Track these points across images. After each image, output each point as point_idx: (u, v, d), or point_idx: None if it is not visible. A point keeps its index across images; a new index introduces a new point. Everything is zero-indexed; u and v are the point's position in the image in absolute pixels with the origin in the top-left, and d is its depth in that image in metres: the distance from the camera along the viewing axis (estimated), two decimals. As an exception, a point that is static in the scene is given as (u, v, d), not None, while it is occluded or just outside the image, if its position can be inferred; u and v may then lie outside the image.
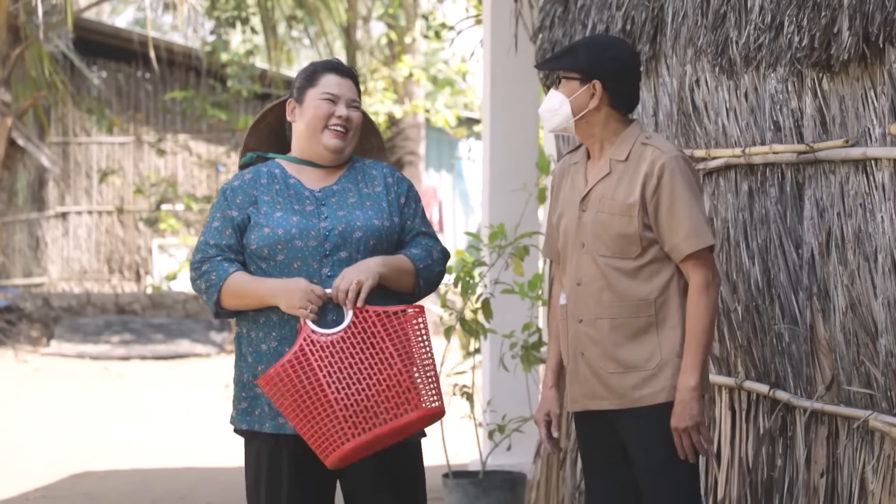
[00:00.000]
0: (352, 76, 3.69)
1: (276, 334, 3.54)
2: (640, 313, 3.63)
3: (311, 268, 3.52)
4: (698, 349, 3.58)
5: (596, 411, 3.71)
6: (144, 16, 19.10)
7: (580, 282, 3.70)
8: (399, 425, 3.37)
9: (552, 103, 3.73)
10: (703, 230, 3.60)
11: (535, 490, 5.63)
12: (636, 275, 3.64)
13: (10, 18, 13.24)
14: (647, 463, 3.64)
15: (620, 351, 3.64)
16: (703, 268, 3.60)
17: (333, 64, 3.71)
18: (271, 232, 3.53)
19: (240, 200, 3.62)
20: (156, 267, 19.64)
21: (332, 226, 3.54)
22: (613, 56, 3.68)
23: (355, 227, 3.55)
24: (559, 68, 3.74)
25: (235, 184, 3.66)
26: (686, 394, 3.56)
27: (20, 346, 15.52)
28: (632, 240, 3.63)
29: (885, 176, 3.70)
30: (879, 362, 3.72)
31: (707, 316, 3.59)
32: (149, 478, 7.99)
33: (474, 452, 6.34)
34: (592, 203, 3.69)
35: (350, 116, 3.64)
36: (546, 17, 5.61)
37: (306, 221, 3.55)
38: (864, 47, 3.73)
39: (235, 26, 16.39)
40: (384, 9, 17.35)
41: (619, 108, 3.69)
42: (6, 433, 9.82)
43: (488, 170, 6.90)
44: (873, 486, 3.76)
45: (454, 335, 6.00)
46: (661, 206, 3.60)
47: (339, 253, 3.53)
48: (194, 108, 17.28)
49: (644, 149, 3.66)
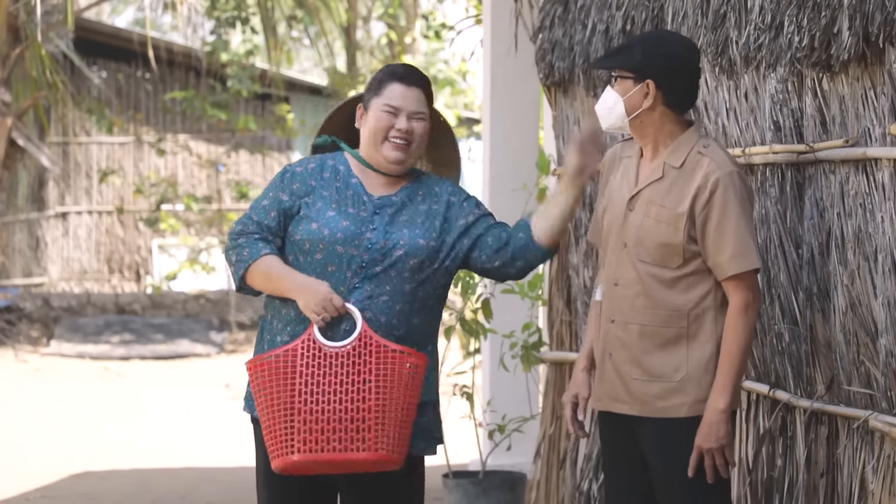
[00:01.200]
0: (420, 84, 3.59)
1: (290, 329, 3.51)
2: (671, 324, 3.60)
3: (344, 275, 3.48)
4: (731, 370, 3.53)
5: (618, 415, 3.69)
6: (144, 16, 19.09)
7: (617, 282, 3.66)
8: (346, 459, 3.33)
9: (607, 101, 3.67)
10: (749, 251, 3.54)
11: (535, 490, 5.63)
12: (674, 285, 3.60)
13: (10, 18, 13.24)
14: (663, 474, 3.61)
15: (647, 358, 3.61)
16: (746, 289, 3.55)
17: (399, 73, 3.59)
18: (318, 229, 3.49)
19: (296, 187, 3.57)
20: (156, 267, 19.63)
21: (377, 239, 3.49)
22: (669, 53, 3.61)
23: (398, 245, 3.49)
24: (612, 67, 3.68)
25: (298, 169, 3.61)
26: (715, 415, 3.52)
27: (20, 346, 15.52)
28: (675, 250, 3.58)
29: (885, 176, 3.70)
30: (879, 362, 3.72)
31: (744, 338, 3.54)
32: (149, 478, 7.99)
33: (474, 452, 6.34)
34: (640, 205, 3.64)
35: (412, 129, 3.54)
36: (546, 17, 5.60)
37: (355, 228, 3.50)
38: (864, 47, 3.73)
39: (235, 26, 16.40)
40: (384, 9, 17.36)
41: (673, 107, 3.62)
42: (6, 433, 9.82)
43: (488, 170, 6.90)
44: (873, 486, 3.76)
45: (454, 335, 6.00)
46: (709, 222, 3.55)
47: (375, 268, 3.48)
48: (194, 108, 17.28)
49: (700, 158, 3.59)
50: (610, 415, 3.73)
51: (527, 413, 6.10)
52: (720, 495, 3.64)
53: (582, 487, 5.16)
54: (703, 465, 3.56)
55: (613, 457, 3.77)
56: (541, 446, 5.57)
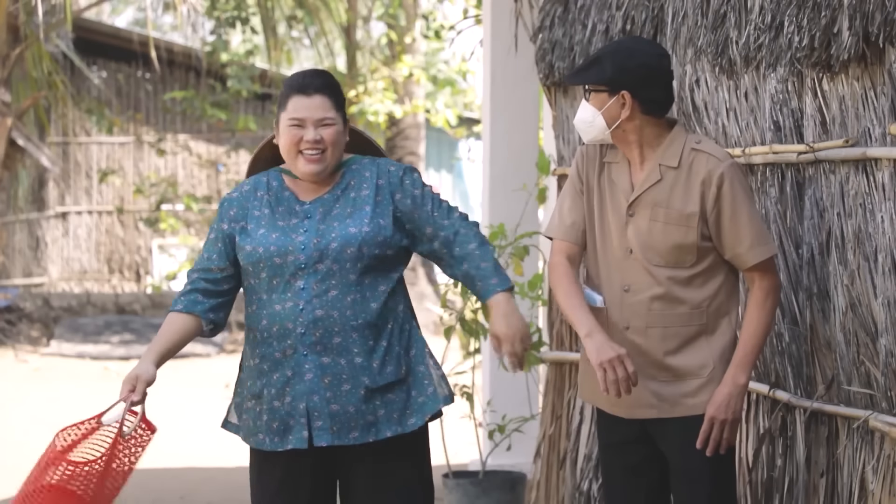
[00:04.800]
0: (323, 90, 3.55)
1: (258, 352, 3.56)
2: (692, 322, 3.62)
3: (288, 283, 3.50)
4: (755, 347, 3.59)
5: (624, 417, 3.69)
6: (144, 16, 19.12)
7: (628, 289, 3.64)
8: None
9: (585, 115, 3.67)
10: (766, 238, 3.60)
11: (535, 490, 5.63)
12: (689, 283, 3.62)
13: (10, 18, 13.24)
14: (689, 469, 3.62)
15: (672, 359, 3.62)
16: (770, 272, 3.62)
17: (297, 84, 3.57)
18: (253, 250, 3.54)
19: (233, 213, 3.62)
20: (156, 267, 19.64)
21: (308, 240, 3.51)
22: (640, 63, 3.60)
23: (330, 239, 3.50)
24: (585, 83, 3.67)
25: (234, 195, 3.66)
26: (734, 388, 3.57)
27: (20, 346, 15.52)
28: (688, 249, 3.60)
29: (885, 176, 3.70)
30: (879, 362, 3.72)
31: (770, 318, 3.62)
32: (149, 478, 7.97)
33: (474, 452, 6.34)
34: (643, 210, 3.63)
35: (321, 137, 3.53)
36: (546, 17, 5.60)
37: (284, 238, 3.53)
38: (864, 47, 3.73)
39: (235, 26, 16.39)
40: (384, 9, 17.34)
41: (652, 114, 3.63)
42: (6, 433, 9.81)
43: (488, 170, 6.90)
44: (873, 486, 3.76)
45: (454, 335, 6.00)
46: (722, 216, 3.57)
47: (316, 265, 3.49)
48: (194, 108, 17.28)
49: (697, 155, 3.60)
50: (614, 417, 3.73)
51: (527, 413, 6.10)
52: (733, 488, 3.68)
53: (582, 487, 5.16)
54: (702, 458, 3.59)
55: (616, 461, 3.77)
56: (541, 446, 5.56)
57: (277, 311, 3.51)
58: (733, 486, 3.69)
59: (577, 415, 5.26)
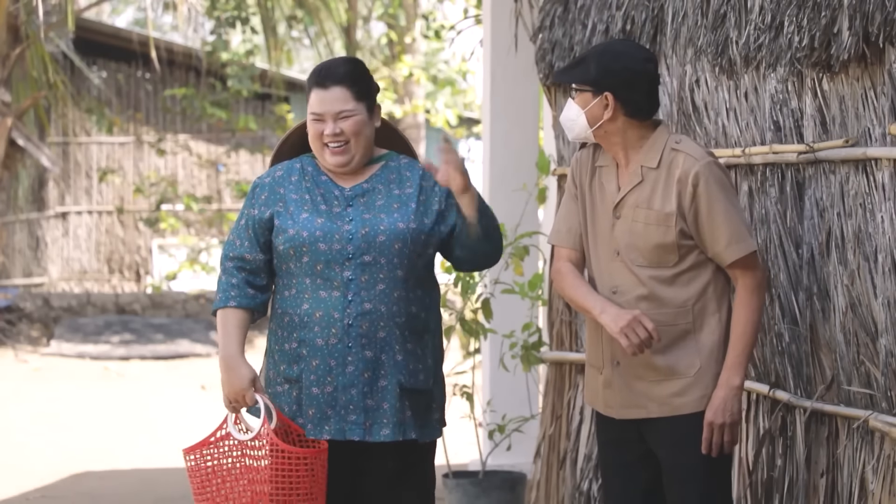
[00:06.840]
0: (342, 81, 3.55)
1: (296, 335, 3.55)
2: (678, 320, 3.61)
3: (334, 271, 3.51)
4: (746, 347, 3.58)
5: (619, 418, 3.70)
6: (144, 16, 19.11)
7: (616, 290, 3.65)
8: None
9: (570, 113, 3.69)
10: (744, 235, 3.58)
11: (535, 490, 5.63)
12: (674, 282, 3.62)
13: (10, 18, 13.24)
14: (680, 468, 3.63)
15: (660, 359, 3.62)
16: (751, 269, 3.60)
17: (317, 76, 3.58)
18: (296, 234, 3.53)
19: (265, 197, 3.61)
20: (156, 267, 19.63)
21: (355, 229, 3.52)
22: (625, 66, 3.61)
23: (379, 231, 3.52)
24: (570, 81, 3.69)
25: (266, 180, 3.65)
26: (729, 391, 3.57)
27: (20, 346, 15.52)
28: (669, 249, 3.60)
29: (885, 176, 3.70)
30: (879, 362, 3.72)
31: (757, 316, 3.60)
32: (149, 478, 7.98)
33: (474, 452, 6.34)
34: (626, 211, 3.64)
35: (341, 129, 3.54)
36: (546, 17, 5.60)
37: (331, 224, 3.53)
38: (864, 47, 3.73)
39: (235, 26, 16.40)
40: (384, 9, 17.35)
41: (635, 117, 3.63)
42: (6, 433, 9.81)
43: (488, 170, 6.90)
44: (873, 486, 3.76)
45: (454, 335, 6.00)
46: (699, 216, 3.57)
47: (363, 257, 3.51)
48: (194, 107, 17.28)
49: (675, 155, 3.61)
50: (610, 418, 3.74)
51: (527, 413, 6.10)
52: (728, 487, 3.68)
53: (582, 487, 5.16)
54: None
55: (612, 458, 3.78)
56: (541, 446, 5.56)
57: (323, 297, 3.51)
58: (727, 485, 3.69)
59: (576, 415, 5.26)
